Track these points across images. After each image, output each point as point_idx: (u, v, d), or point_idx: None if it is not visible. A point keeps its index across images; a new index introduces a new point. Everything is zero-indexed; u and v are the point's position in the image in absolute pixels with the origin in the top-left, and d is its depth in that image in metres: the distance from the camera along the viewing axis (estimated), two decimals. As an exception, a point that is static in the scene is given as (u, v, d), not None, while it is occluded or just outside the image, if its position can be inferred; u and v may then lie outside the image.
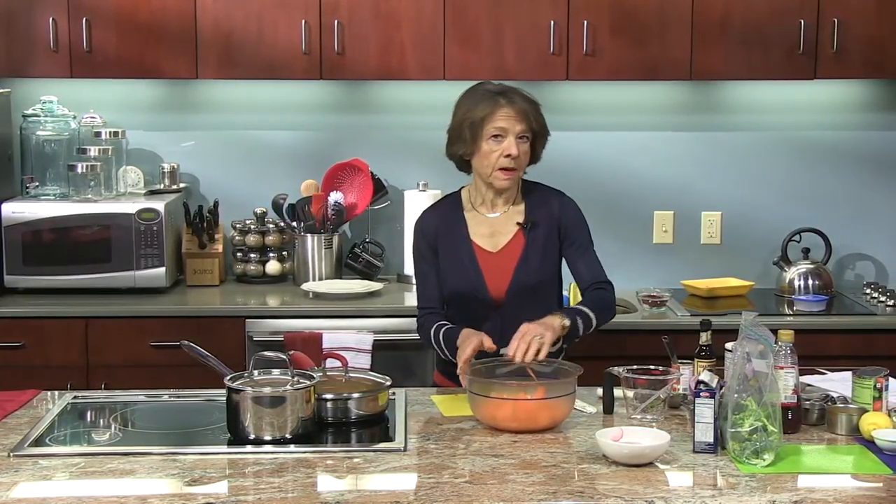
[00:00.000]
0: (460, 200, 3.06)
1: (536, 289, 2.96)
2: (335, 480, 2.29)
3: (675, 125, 4.35)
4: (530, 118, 2.92)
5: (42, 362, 3.78)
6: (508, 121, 2.90)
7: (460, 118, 2.96)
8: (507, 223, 3.01)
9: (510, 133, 2.90)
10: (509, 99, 2.92)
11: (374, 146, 4.33)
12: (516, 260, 2.96)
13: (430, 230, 3.03)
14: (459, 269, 2.97)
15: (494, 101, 2.91)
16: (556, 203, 3.03)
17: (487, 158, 2.92)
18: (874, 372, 2.61)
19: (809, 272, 4.19)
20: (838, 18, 3.95)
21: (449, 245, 3.00)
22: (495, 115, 2.90)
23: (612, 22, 3.97)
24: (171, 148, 4.34)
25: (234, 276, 4.29)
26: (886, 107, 4.34)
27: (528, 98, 2.96)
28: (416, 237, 3.07)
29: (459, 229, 3.01)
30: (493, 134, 2.90)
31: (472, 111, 2.93)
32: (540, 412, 2.55)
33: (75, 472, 2.31)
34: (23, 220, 3.93)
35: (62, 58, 3.97)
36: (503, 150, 2.90)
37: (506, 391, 2.59)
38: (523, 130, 2.92)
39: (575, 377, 2.63)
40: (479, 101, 2.94)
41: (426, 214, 3.10)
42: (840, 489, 2.23)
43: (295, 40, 3.97)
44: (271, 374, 2.60)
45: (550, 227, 2.99)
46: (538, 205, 3.02)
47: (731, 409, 2.37)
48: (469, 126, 2.92)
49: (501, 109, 2.90)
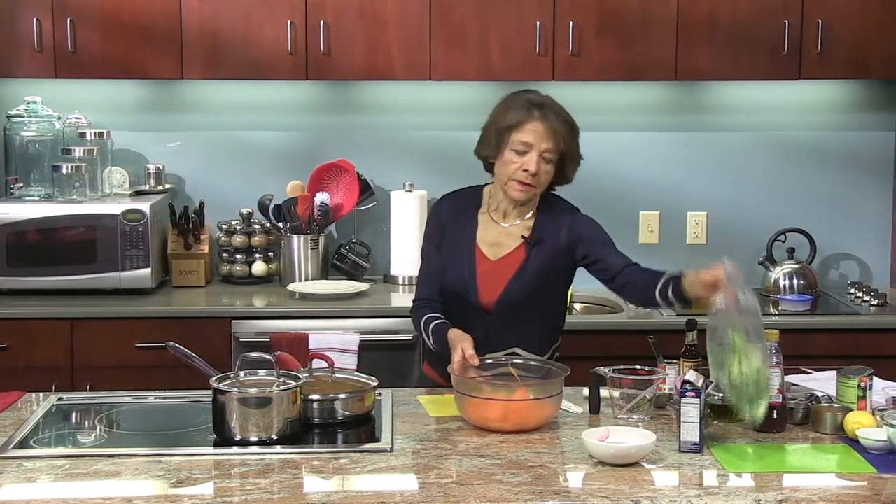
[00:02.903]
0: (480, 198, 3.01)
1: (526, 305, 2.90)
2: (321, 481, 2.29)
3: (661, 125, 4.36)
4: (559, 138, 2.84)
5: (27, 363, 3.76)
6: (535, 136, 2.82)
7: (492, 121, 2.90)
8: (513, 235, 2.95)
9: (534, 149, 2.83)
10: (543, 114, 2.84)
11: (360, 147, 4.33)
12: (512, 273, 2.91)
13: (445, 218, 2.99)
14: (456, 268, 2.95)
15: (528, 113, 2.84)
16: (566, 223, 2.93)
17: (507, 167, 2.86)
18: (858, 371, 2.62)
19: (794, 272, 4.20)
20: (822, 19, 3.97)
21: (453, 240, 2.97)
22: (524, 128, 2.83)
23: (598, 22, 3.97)
24: (156, 148, 4.33)
25: (219, 277, 4.29)
26: (871, 107, 4.36)
27: (564, 118, 2.87)
28: (430, 221, 3.03)
29: (469, 228, 2.97)
30: (517, 146, 2.84)
31: (503, 117, 2.86)
32: (530, 412, 2.55)
33: (60, 474, 2.30)
34: (7, 220, 3.91)
35: (46, 58, 3.95)
36: (523, 164, 2.83)
37: (495, 391, 2.59)
38: (549, 149, 2.84)
39: (562, 378, 2.63)
40: (514, 108, 2.86)
41: (447, 200, 3.05)
42: (825, 488, 2.24)
43: (281, 41, 3.96)
44: (257, 375, 2.59)
45: (558, 247, 2.92)
46: (549, 223, 2.94)
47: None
48: (496, 131, 2.86)
49: (532, 123, 2.83)
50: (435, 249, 2.99)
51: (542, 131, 2.83)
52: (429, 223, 3.05)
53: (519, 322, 2.90)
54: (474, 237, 2.97)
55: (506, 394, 2.58)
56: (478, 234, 2.97)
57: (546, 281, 2.93)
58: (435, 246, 3.00)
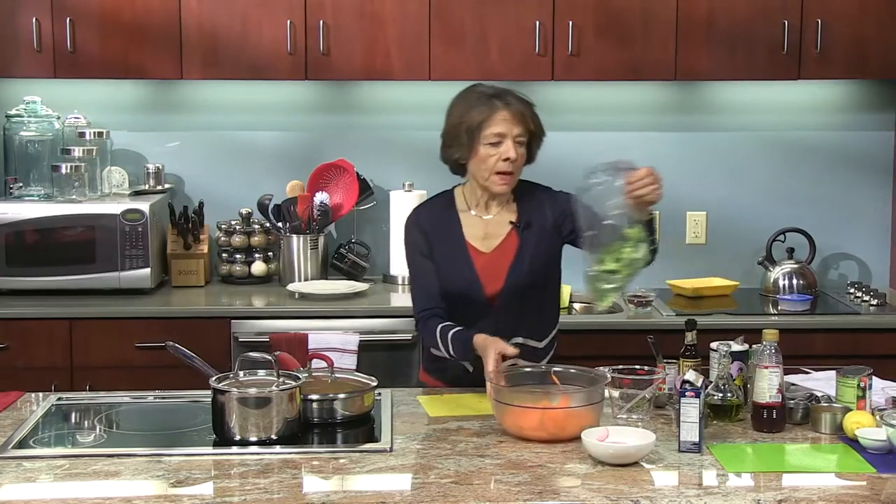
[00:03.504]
0: (454, 200, 3.03)
1: (531, 289, 2.93)
2: (321, 481, 2.29)
3: (660, 125, 4.36)
4: (527, 120, 2.89)
5: (26, 364, 3.76)
6: (506, 124, 2.86)
7: (456, 122, 2.92)
8: (500, 223, 2.98)
9: (508, 137, 2.86)
10: (506, 102, 2.88)
11: (359, 147, 4.33)
12: (510, 260, 2.94)
13: (426, 226, 2.99)
14: (454, 270, 2.95)
15: (491, 105, 2.87)
16: (549, 200, 2.99)
17: (485, 163, 2.88)
18: (858, 371, 2.62)
19: (794, 272, 4.20)
20: (822, 19, 3.97)
21: (443, 245, 2.98)
22: (493, 120, 2.86)
23: (597, 22, 3.97)
24: (155, 148, 4.33)
25: (219, 277, 4.28)
26: (870, 107, 4.36)
27: (523, 99, 2.92)
28: (412, 232, 3.01)
29: (454, 229, 2.98)
30: (492, 139, 2.86)
31: (468, 115, 2.88)
32: (568, 421, 2.47)
33: (60, 474, 2.30)
34: (6, 221, 3.91)
35: (45, 58, 3.95)
36: (501, 154, 2.86)
37: (532, 399, 2.52)
38: (521, 133, 2.88)
39: (602, 384, 2.57)
40: (475, 104, 2.89)
41: (421, 210, 3.06)
42: (824, 488, 2.24)
43: (280, 40, 3.96)
44: (257, 374, 2.59)
45: (545, 227, 2.96)
46: (531, 204, 2.98)
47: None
48: (466, 130, 2.88)
49: (499, 113, 2.86)
50: (423, 257, 2.98)
51: (511, 118, 2.87)
52: (409, 235, 3.02)
53: (523, 309, 2.90)
54: (463, 235, 2.98)
55: (543, 401, 2.50)
56: (465, 231, 2.98)
57: (544, 261, 2.96)
58: (422, 254, 2.98)
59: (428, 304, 2.95)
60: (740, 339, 2.73)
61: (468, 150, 2.90)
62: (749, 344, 2.72)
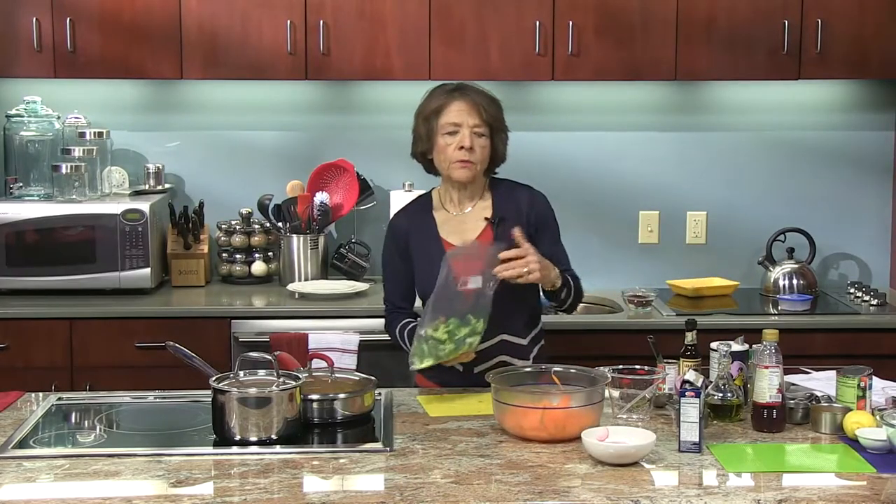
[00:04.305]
0: (430, 201, 3.09)
1: (505, 286, 2.91)
2: (321, 481, 2.29)
3: (660, 125, 4.36)
4: (483, 111, 2.94)
5: (26, 364, 3.76)
6: (461, 115, 2.93)
7: (416, 115, 3.02)
8: (474, 219, 3.02)
9: (464, 126, 2.93)
10: (462, 93, 2.96)
11: (359, 146, 4.33)
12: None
13: (401, 232, 3.06)
14: (432, 268, 2.95)
15: (448, 96, 2.96)
16: (524, 197, 3.03)
17: (444, 153, 2.96)
18: (858, 371, 2.62)
19: (794, 272, 4.20)
20: (822, 19, 3.97)
21: (420, 246, 3.02)
22: (448, 109, 2.94)
23: (597, 22, 3.97)
24: (155, 148, 4.33)
25: (219, 277, 4.28)
26: (870, 107, 4.36)
27: (483, 93, 2.99)
28: (387, 239, 3.11)
29: (429, 229, 3.03)
30: (447, 129, 2.94)
31: (426, 106, 2.99)
32: (568, 421, 2.47)
33: (60, 474, 2.30)
34: (6, 220, 3.91)
35: (46, 58, 3.95)
36: (457, 143, 2.93)
37: (532, 399, 2.51)
38: (477, 124, 2.94)
39: (602, 384, 2.57)
40: (434, 97, 2.99)
41: (397, 217, 3.14)
42: (824, 488, 2.24)
43: (280, 40, 3.96)
44: (257, 374, 2.59)
45: (519, 222, 2.96)
46: (505, 200, 3.03)
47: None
48: (424, 121, 2.98)
49: (454, 103, 2.94)
50: (395, 265, 3.06)
51: (466, 108, 2.94)
52: (385, 243, 3.11)
53: (504, 301, 2.87)
54: (437, 233, 3.02)
55: (546, 402, 2.49)
56: (440, 228, 3.03)
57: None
58: (394, 262, 3.06)
59: (395, 305, 3.08)
60: (740, 339, 2.73)
61: (428, 143, 2.98)
62: (749, 344, 2.72)
